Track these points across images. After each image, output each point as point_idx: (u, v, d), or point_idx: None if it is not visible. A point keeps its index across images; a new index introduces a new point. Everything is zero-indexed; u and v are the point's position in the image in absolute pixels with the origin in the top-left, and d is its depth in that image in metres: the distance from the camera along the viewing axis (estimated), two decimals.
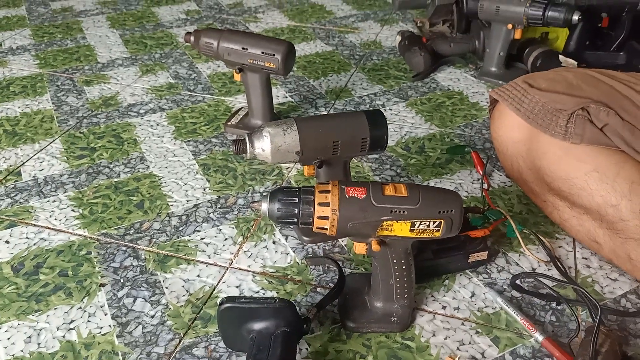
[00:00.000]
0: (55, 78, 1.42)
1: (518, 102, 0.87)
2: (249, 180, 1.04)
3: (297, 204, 0.62)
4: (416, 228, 0.64)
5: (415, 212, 0.63)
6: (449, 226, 0.64)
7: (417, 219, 0.63)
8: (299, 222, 0.63)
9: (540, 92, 0.85)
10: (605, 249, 0.82)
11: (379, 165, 1.08)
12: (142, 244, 0.89)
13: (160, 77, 1.42)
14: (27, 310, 0.78)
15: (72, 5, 1.93)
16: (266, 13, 1.85)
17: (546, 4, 1.22)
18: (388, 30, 1.71)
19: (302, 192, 0.63)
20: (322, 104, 1.30)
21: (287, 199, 0.63)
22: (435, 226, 0.64)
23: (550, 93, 0.85)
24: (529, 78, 0.90)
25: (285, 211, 0.63)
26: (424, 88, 1.36)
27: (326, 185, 0.64)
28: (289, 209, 0.63)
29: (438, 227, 0.64)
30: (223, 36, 1.07)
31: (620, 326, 0.74)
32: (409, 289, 0.71)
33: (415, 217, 0.63)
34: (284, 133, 0.77)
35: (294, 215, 0.63)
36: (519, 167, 0.91)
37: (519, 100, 0.87)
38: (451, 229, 0.65)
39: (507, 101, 0.88)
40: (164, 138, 1.17)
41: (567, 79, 0.87)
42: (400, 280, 0.70)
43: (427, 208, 0.63)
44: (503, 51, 1.34)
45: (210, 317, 0.76)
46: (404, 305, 0.72)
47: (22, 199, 0.99)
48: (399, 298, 0.71)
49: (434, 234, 0.65)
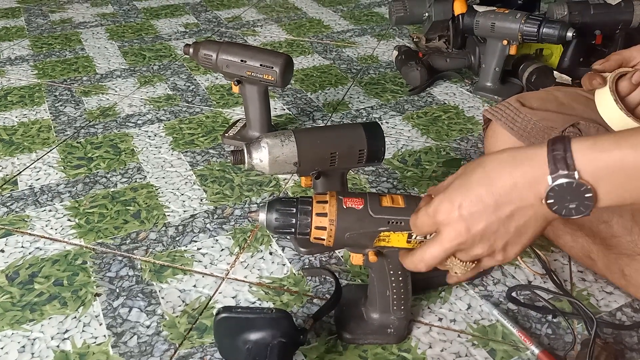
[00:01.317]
0: (54, 88, 1.42)
1: (511, 121, 0.88)
2: (246, 191, 1.04)
3: (294, 214, 0.62)
4: (413, 239, 0.64)
5: None
6: None
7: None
8: (297, 232, 0.63)
9: (532, 111, 0.87)
10: (599, 264, 0.82)
11: (376, 177, 1.08)
12: (138, 254, 0.89)
13: (159, 89, 1.43)
14: (21, 319, 0.77)
15: (71, 16, 1.94)
16: (264, 27, 1.87)
17: (541, 21, 1.24)
18: (385, 45, 1.73)
19: (300, 203, 0.63)
20: (319, 117, 1.31)
21: (285, 209, 0.63)
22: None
23: (541, 112, 0.86)
24: (520, 97, 0.92)
25: (282, 221, 0.63)
26: (421, 102, 1.38)
27: (324, 196, 0.64)
28: (286, 219, 0.62)
29: None
30: (222, 48, 1.08)
31: (616, 339, 0.74)
32: (405, 300, 0.71)
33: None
34: (282, 144, 0.77)
35: (292, 226, 0.63)
36: None
37: (512, 119, 0.88)
38: None
39: (500, 120, 0.89)
40: (161, 149, 1.17)
41: (558, 98, 0.89)
42: (397, 291, 0.70)
43: None
44: (498, 67, 1.35)
45: (206, 327, 0.76)
46: (400, 316, 0.72)
47: (18, 208, 0.99)
48: (396, 309, 0.71)
49: None
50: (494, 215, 0.51)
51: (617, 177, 0.47)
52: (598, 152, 0.47)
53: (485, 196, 0.51)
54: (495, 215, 0.51)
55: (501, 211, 0.51)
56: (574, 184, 0.47)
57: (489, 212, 0.51)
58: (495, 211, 0.51)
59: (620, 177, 0.47)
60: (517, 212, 0.51)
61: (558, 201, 0.49)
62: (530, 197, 0.50)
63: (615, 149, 0.47)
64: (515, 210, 0.51)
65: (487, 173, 0.52)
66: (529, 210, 0.51)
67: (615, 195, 0.48)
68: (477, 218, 0.52)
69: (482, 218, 0.52)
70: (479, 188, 0.52)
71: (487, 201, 0.51)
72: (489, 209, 0.51)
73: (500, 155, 0.52)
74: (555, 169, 0.48)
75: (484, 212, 0.51)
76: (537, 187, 0.49)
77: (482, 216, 0.52)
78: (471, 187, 0.52)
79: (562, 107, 0.86)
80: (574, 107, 0.85)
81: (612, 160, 0.47)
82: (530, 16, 1.25)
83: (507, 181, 0.50)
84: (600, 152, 0.47)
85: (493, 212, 0.51)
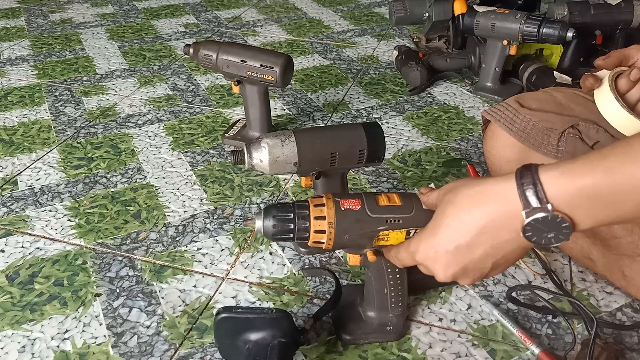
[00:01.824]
0: (54, 88, 1.42)
1: (510, 122, 0.88)
2: (246, 191, 1.04)
3: (292, 219, 0.61)
4: (411, 236, 0.64)
5: (410, 221, 0.63)
6: None
7: (412, 227, 0.64)
8: (295, 237, 0.62)
9: (531, 112, 0.86)
10: (599, 265, 0.82)
11: (376, 177, 1.08)
12: (138, 254, 0.89)
13: (159, 89, 1.43)
14: (21, 319, 0.77)
15: (71, 17, 1.94)
16: (264, 27, 1.87)
17: (541, 21, 1.24)
18: (385, 45, 1.73)
19: (297, 207, 0.62)
20: (319, 117, 1.31)
21: (282, 215, 0.62)
22: None
23: (540, 112, 0.86)
24: (519, 98, 0.92)
25: (280, 227, 0.61)
26: (421, 102, 1.38)
27: (320, 199, 0.63)
28: (284, 225, 0.61)
29: None
30: (222, 48, 1.08)
31: (616, 339, 0.74)
32: (402, 297, 0.71)
33: (410, 225, 0.63)
34: (282, 144, 0.77)
35: (290, 231, 0.62)
36: None
37: (511, 120, 0.88)
38: None
39: (499, 121, 0.89)
40: (161, 149, 1.17)
41: (557, 99, 0.89)
42: (394, 289, 0.70)
43: (421, 215, 0.64)
44: (498, 67, 1.35)
45: (206, 327, 0.76)
46: (398, 313, 0.72)
47: (18, 208, 0.99)
48: (394, 307, 0.71)
49: None
50: (468, 256, 0.52)
51: (592, 203, 0.46)
52: (569, 179, 0.46)
53: (457, 237, 0.51)
54: (469, 256, 0.52)
55: (475, 252, 0.51)
56: (549, 217, 0.46)
57: (463, 254, 0.52)
58: (469, 252, 0.51)
59: (595, 203, 0.45)
60: (492, 249, 0.51)
61: (535, 233, 0.48)
62: (504, 234, 0.50)
63: (587, 175, 0.45)
64: (489, 248, 0.51)
65: (459, 211, 0.52)
66: (504, 245, 0.51)
67: (593, 219, 0.47)
68: (452, 260, 0.53)
69: (457, 260, 0.52)
70: (450, 229, 0.52)
71: (460, 242, 0.51)
72: (461, 251, 0.52)
73: (470, 189, 0.52)
74: (527, 204, 0.47)
75: (458, 254, 0.52)
76: (511, 223, 0.49)
77: (457, 258, 0.52)
78: (444, 228, 0.52)
79: (561, 108, 0.86)
80: (573, 108, 0.85)
81: (585, 187, 0.45)
82: (531, 16, 1.25)
83: (478, 220, 0.50)
84: (572, 179, 0.46)
85: (467, 253, 0.52)
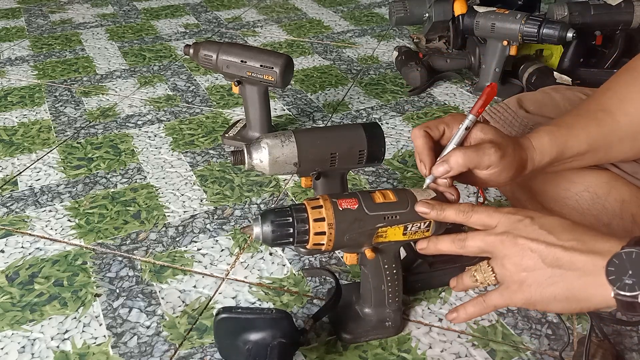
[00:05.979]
0: (54, 89, 1.43)
1: (509, 125, 0.88)
2: (246, 191, 1.04)
3: (291, 223, 0.61)
4: (409, 231, 0.64)
5: (406, 216, 0.64)
6: (439, 225, 0.65)
7: (409, 222, 0.64)
8: (295, 241, 0.62)
9: (529, 116, 0.86)
10: None
11: (376, 177, 1.08)
12: (138, 255, 0.89)
13: (159, 89, 1.43)
14: (21, 320, 0.77)
15: (71, 17, 1.94)
16: (264, 27, 1.87)
17: (541, 22, 1.24)
18: (385, 45, 1.73)
19: (295, 211, 0.62)
20: (319, 117, 1.31)
21: (281, 220, 0.61)
22: (426, 226, 0.65)
23: (537, 117, 0.86)
24: (519, 99, 0.92)
25: (279, 232, 0.61)
26: (421, 103, 1.38)
27: (317, 201, 0.63)
28: (283, 229, 0.61)
29: (428, 227, 0.65)
30: (222, 49, 1.08)
31: (614, 337, 0.74)
32: (399, 292, 0.72)
33: (407, 220, 0.64)
34: (282, 144, 0.77)
35: (290, 235, 0.61)
36: (512, 187, 0.91)
37: (510, 122, 0.88)
38: (440, 226, 0.66)
39: (498, 123, 0.89)
40: (161, 149, 1.17)
41: (555, 100, 0.89)
42: (391, 284, 0.70)
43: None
44: (498, 67, 1.35)
45: (206, 328, 0.76)
46: (395, 308, 0.73)
47: (18, 208, 0.99)
48: (391, 302, 0.72)
49: (424, 234, 0.65)
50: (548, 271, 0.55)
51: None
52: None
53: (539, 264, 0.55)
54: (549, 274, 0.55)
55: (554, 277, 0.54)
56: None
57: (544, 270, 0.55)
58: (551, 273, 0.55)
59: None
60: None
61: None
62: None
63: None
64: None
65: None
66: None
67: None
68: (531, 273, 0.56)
69: (536, 276, 0.56)
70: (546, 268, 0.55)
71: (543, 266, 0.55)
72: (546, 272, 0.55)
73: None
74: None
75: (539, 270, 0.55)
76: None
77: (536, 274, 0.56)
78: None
79: (558, 110, 0.86)
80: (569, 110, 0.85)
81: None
82: (531, 17, 1.25)
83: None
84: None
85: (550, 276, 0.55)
